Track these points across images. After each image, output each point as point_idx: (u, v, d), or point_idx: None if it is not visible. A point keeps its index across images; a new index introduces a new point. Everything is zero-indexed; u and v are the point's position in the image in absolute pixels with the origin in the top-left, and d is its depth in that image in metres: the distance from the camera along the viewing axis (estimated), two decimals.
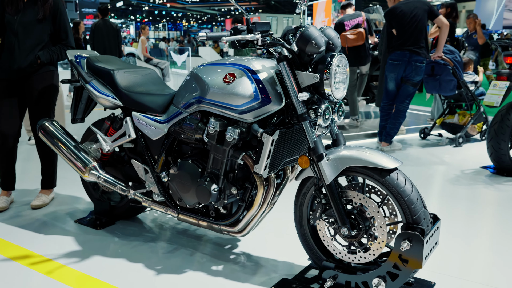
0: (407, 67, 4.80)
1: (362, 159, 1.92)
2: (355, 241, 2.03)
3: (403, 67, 4.81)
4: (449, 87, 5.29)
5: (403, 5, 4.84)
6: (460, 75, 5.24)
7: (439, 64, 5.27)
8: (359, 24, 6.07)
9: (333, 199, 1.99)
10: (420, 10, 4.76)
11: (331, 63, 1.95)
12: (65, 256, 2.48)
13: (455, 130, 5.48)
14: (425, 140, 5.70)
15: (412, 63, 4.77)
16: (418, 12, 4.76)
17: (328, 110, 2.03)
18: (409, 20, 4.76)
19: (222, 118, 2.19)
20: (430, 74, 5.36)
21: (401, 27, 4.81)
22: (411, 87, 4.84)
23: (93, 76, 2.73)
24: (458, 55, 5.32)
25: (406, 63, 4.79)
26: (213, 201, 2.21)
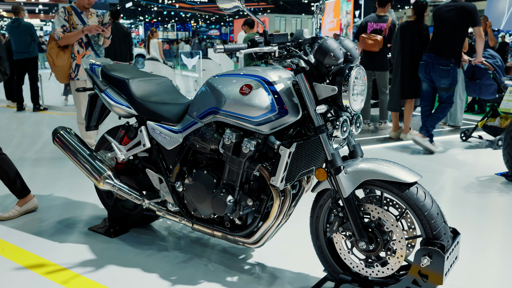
0: (431, 70, 4.93)
1: (381, 172, 1.90)
2: (373, 255, 2.01)
3: (428, 68, 5.00)
4: (489, 91, 5.38)
5: (443, 7, 4.97)
6: (501, 79, 5.28)
7: (479, 69, 5.36)
8: (381, 29, 6.03)
9: (351, 212, 1.97)
10: (459, 16, 4.82)
11: (350, 75, 1.93)
12: (80, 265, 2.48)
13: (496, 132, 5.47)
14: (466, 142, 5.73)
15: (436, 66, 4.88)
16: (455, 17, 4.84)
17: (346, 122, 2.01)
18: (443, 24, 4.88)
19: (238, 129, 2.17)
20: (471, 78, 5.47)
21: (436, 29, 4.97)
22: (443, 92, 4.98)
23: (108, 84, 2.73)
24: (499, 59, 5.39)
25: (430, 65, 4.93)
26: (228, 213, 2.20)
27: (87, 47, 4.30)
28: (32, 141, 5.62)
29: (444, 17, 4.94)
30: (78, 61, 4.24)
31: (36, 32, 8.00)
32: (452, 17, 4.88)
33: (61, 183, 3.92)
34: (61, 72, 4.24)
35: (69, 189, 3.74)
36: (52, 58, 4.15)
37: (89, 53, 4.32)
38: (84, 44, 4.27)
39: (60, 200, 3.49)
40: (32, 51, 7.85)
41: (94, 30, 4.14)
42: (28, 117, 7.51)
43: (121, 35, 7.64)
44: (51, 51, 4.16)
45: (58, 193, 3.64)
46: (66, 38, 4.12)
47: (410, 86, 5.46)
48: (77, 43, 4.22)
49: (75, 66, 4.25)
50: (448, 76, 4.89)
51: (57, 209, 3.31)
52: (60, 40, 4.13)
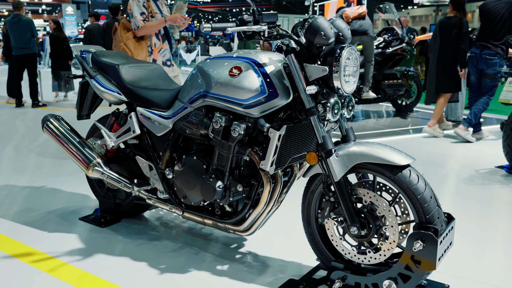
0: (479, 61, 5.27)
1: (373, 155, 1.84)
2: (365, 241, 1.95)
3: (475, 60, 5.32)
4: None
5: (490, 2, 5.29)
6: None
7: None
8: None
9: (342, 197, 1.91)
10: (506, 9, 5.16)
11: (341, 56, 1.87)
12: (68, 254, 2.43)
13: None
14: None
15: (483, 56, 5.21)
16: (501, 10, 5.17)
17: (337, 105, 1.95)
18: (491, 17, 5.19)
19: (228, 113, 2.12)
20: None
21: (483, 23, 5.28)
22: (488, 80, 5.23)
23: (98, 71, 2.68)
24: None
25: (478, 56, 5.26)
26: (218, 199, 2.14)
27: (164, 40, 3.73)
28: (29, 136, 5.58)
29: (491, 10, 5.23)
30: (154, 55, 3.67)
31: (36, 29, 7.97)
32: (499, 10, 5.18)
33: (54, 175, 3.87)
34: None
35: (61, 179, 3.70)
36: (131, 51, 3.53)
37: (165, 46, 3.76)
38: (161, 36, 3.70)
39: (52, 191, 3.44)
40: (32, 47, 7.82)
41: (179, 20, 3.53)
42: (26, 113, 7.48)
43: None
44: (128, 42, 3.55)
45: (51, 185, 3.59)
46: (147, 27, 3.51)
47: (448, 80, 5.64)
48: (154, 35, 3.65)
49: (152, 61, 3.60)
50: (494, 66, 5.17)
51: (49, 199, 3.26)
52: (139, 29, 3.51)
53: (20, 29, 7.64)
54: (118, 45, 3.58)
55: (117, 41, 3.59)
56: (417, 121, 6.89)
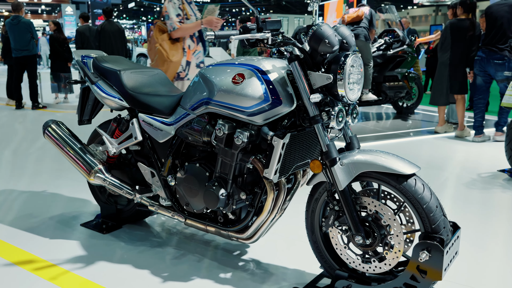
0: (486, 65, 5.30)
1: (378, 164, 1.82)
2: (370, 250, 1.93)
3: (482, 63, 5.34)
4: None
5: (494, 5, 5.35)
6: None
7: None
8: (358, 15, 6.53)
9: (347, 206, 1.89)
10: (509, 12, 5.19)
11: (345, 63, 1.85)
12: (69, 261, 2.41)
13: None
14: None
15: (491, 61, 5.24)
16: (505, 14, 5.20)
17: (341, 112, 1.93)
18: (495, 20, 5.23)
19: (231, 120, 2.10)
20: None
21: (488, 26, 5.31)
22: (502, 84, 5.25)
23: (99, 76, 2.66)
24: None
25: (485, 60, 5.29)
26: (221, 206, 2.13)
27: (198, 42, 3.73)
28: (29, 139, 5.56)
29: (496, 14, 5.26)
30: (188, 57, 3.63)
31: (36, 30, 7.95)
32: (504, 13, 5.20)
33: (55, 179, 3.85)
34: (173, 69, 3.56)
35: (62, 185, 3.68)
36: (166, 52, 3.50)
37: (199, 49, 3.76)
38: (196, 38, 3.70)
39: (53, 197, 3.42)
40: (32, 49, 7.80)
41: (215, 23, 3.48)
42: (26, 115, 7.46)
43: (116, 32, 7.76)
44: (163, 43, 3.51)
45: (51, 190, 3.57)
46: (183, 29, 3.48)
47: (460, 81, 5.68)
48: (189, 37, 3.64)
49: (186, 63, 3.62)
50: (503, 69, 5.17)
51: (49, 205, 3.24)
52: (176, 31, 3.48)
53: (19, 30, 7.63)
54: (153, 47, 3.58)
55: (152, 43, 3.59)
56: (418, 123, 6.88)
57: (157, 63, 3.52)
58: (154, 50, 3.56)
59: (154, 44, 3.56)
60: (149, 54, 3.68)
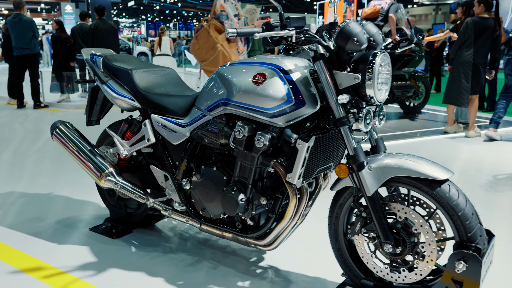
0: None
1: (410, 168, 1.72)
2: (399, 259, 1.84)
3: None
4: None
5: None
6: None
7: None
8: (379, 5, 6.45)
9: (375, 213, 1.80)
10: None
11: (374, 62, 1.76)
12: (80, 268, 2.32)
13: None
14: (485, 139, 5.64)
15: None
16: None
17: (369, 114, 1.84)
18: None
19: (250, 122, 2.01)
20: None
21: None
22: None
23: (109, 76, 2.56)
24: None
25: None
26: (240, 212, 2.03)
27: (245, 44, 3.75)
28: (32, 139, 5.47)
29: None
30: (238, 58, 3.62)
31: (37, 28, 7.84)
32: None
33: (61, 181, 3.75)
34: None
35: (69, 187, 3.58)
36: (227, 52, 3.53)
37: (245, 49, 3.75)
38: (244, 39, 3.72)
39: (60, 199, 3.33)
40: (33, 47, 7.69)
41: None
42: (28, 114, 7.36)
43: (110, 31, 7.82)
44: (224, 43, 3.52)
45: (58, 192, 3.48)
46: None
47: (482, 82, 5.61)
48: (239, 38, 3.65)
49: None
50: None
51: (57, 208, 3.15)
52: None
53: (21, 29, 7.51)
54: (210, 47, 3.52)
55: (210, 42, 3.52)
56: (425, 123, 6.79)
57: (216, 63, 3.48)
58: (205, 49, 3.47)
59: (214, 44, 3.47)
60: (197, 53, 3.58)
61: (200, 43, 3.52)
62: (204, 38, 3.47)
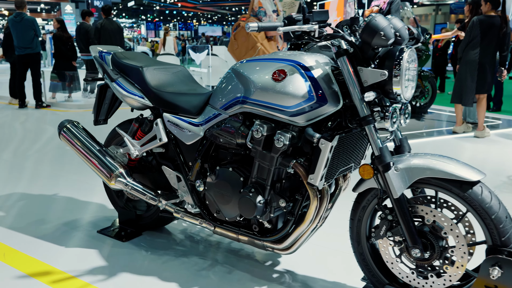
0: None
1: (439, 169, 1.65)
2: (426, 264, 1.76)
3: None
4: None
5: None
6: None
7: None
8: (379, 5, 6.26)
9: (403, 216, 1.72)
10: None
11: (402, 58, 1.68)
12: (89, 272, 2.23)
13: None
14: None
15: None
16: None
17: (395, 113, 1.76)
18: None
19: (269, 121, 1.92)
20: None
21: None
22: None
23: (119, 73, 2.48)
24: None
25: None
26: (258, 215, 1.95)
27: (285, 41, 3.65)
28: (35, 139, 5.38)
29: None
30: None
31: (39, 27, 7.75)
32: None
33: (64, 181, 3.67)
34: None
35: (75, 188, 3.50)
36: (268, 51, 3.40)
37: (285, 46, 3.59)
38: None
39: (66, 200, 3.24)
40: (35, 47, 7.60)
41: None
42: (30, 114, 7.27)
43: (115, 30, 7.93)
44: (264, 42, 3.41)
45: (64, 193, 3.39)
46: None
47: (489, 81, 5.52)
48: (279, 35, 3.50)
49: None
50: None
51: (63, 210, 3.06)
52: None
53: (23, 28, 7.42)
54: (249, 46, 3.41)
55: (249, 42, 3.41)
56: (433, 123, 6.71)
57: None
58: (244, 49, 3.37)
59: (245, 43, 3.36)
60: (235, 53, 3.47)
61: (238, 43, 3.41)
62: (243, 37, 3.36)
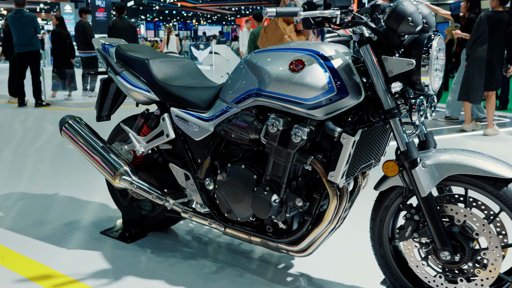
0: None
1: (472, 166, 1.53)
2: (456, 268, 1.64)
3: None
4: None
5: None
6: None
7: None
8: None
9: (431, 215, 1.60)
10: None
11: (431, 46, 1.56)
12: (93, 276, 2.11)
13: None
14: None
15: None
16: None
17: (423, 105, 1.64)
18: None
19: (284, 115, 1.80)
20: None
21: None
22: None
23: (124, 66, 2.36)
24: None
25: None
26: (273, 215, 1.83)
27: (319, 35, 3.45)
28: (35, 138, 5.26)
29: None
30: None
31: (39, 25, 7.63)
32: None
33: (67, 181, 3.55)
34: None
35: (76, 187, 3.37)
36: None
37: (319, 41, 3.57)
38: (317, 31, 3.40)
39: (67, 200, 3.12)
40: (35, 44, 7.47)
41: None
42: (30, 113, 7.15)
43: (127, 29, 7.97)
44: (292, 35, 3.34)
45: (64, 192, 3.27)
46: None
47: (497, 78, 5.42)
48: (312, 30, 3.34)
49: None
50: None
51: (64, 210, 2.94)
52: (299, 23, 3.32)
53: (23, 25, 7.30)
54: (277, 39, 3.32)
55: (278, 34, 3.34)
56: (435, 122, 6.59)
57: None
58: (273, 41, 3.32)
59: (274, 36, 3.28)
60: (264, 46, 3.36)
61: (268, 36, 3.34)
62: (272, 30, 3.30)
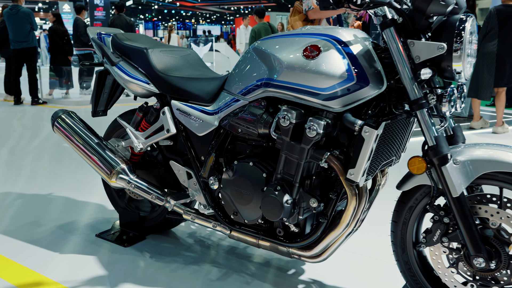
0: None
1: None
2: (489, 275, 1.47)
3: None
4: None
5: None
6: None
7: None
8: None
9: (463, 218, 1.43)
10: None
11: (464, 28, 1.39)
12: (87, 283, 1.94)
13: None
14: None
15: None
16: None
17: (454, 95, 1.48)
18: None
19: (297, 106, 1.64)
20: None
21: None
22: None
23: (120, 56, 2.20)
24: None
25: None
26: (285, 217, 1.66)
27: (336, 25, 3.26)
28: (31, 136, 5.09)
29: None
30: None
31: (36, 20, 7.45)
32: None
33: (61, 180, 3.38)
34: None
35: (70, 187, 3.20)
36: None
37: None
38: (333, 20, 3.22)
39: (62, 201, 2.95)
40: (31, 41, 7.30)
41: None
42: (26, 111, 6.97)
43: (125, 26, 7.86)
44: (295, 23, 3.18)
45: (59, 192, 3.10)
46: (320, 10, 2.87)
47: (508, 74, 5.27)
48: (325, 19, 3.19)
49: None
50: None
51: (58, 212, 2.77)
52: (312, 11, 3.05)
53: (18, 21, 7.13)
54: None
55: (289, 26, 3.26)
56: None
57: None
58: None
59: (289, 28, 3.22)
60: None
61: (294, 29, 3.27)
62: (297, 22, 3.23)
